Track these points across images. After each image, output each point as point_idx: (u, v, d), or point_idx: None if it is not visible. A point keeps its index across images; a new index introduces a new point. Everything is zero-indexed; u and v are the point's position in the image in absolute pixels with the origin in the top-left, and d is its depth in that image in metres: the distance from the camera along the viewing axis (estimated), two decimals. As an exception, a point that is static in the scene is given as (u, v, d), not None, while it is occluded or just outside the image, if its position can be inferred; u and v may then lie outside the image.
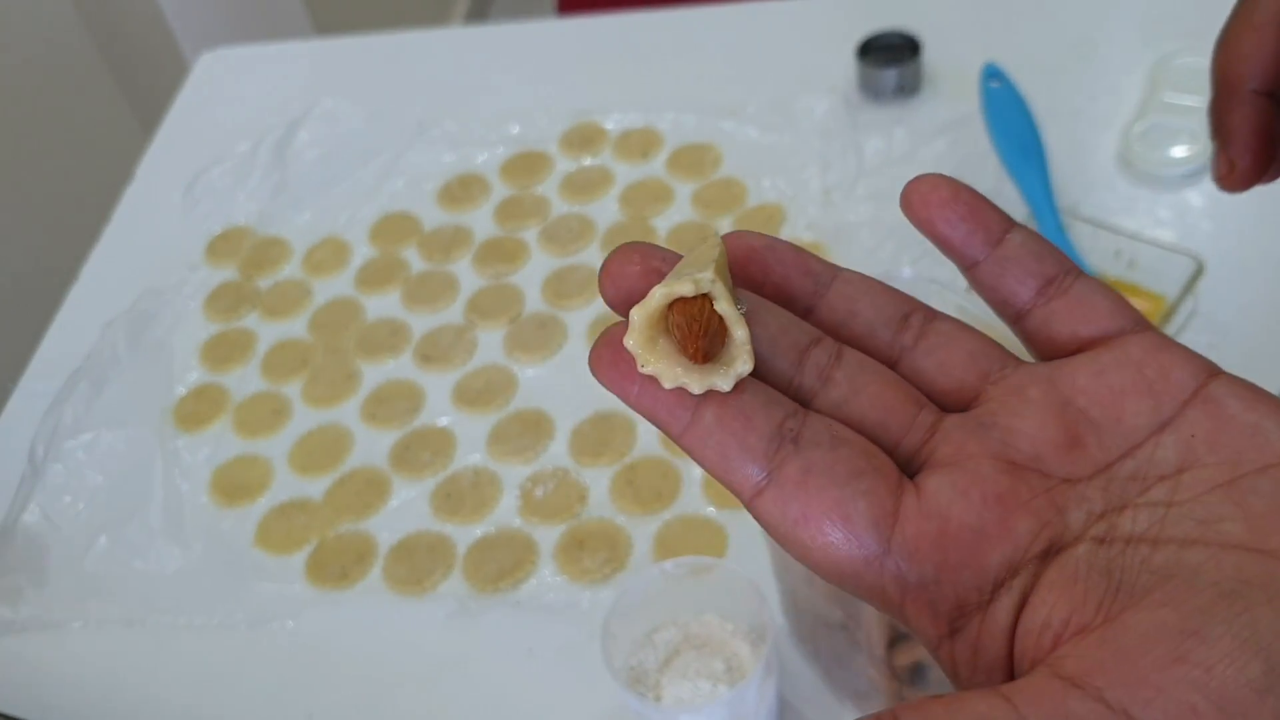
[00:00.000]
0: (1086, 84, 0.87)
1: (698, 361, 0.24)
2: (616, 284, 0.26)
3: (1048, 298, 0.27)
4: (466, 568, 0.67)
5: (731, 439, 0.24)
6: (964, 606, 0.24)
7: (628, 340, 0.24)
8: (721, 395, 0.25)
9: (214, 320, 0.85)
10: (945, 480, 0.25)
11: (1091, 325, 0.26)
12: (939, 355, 0.27)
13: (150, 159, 1.01)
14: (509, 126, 0.95)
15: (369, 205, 0.92)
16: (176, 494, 0.74)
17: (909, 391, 0.26)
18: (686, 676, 0.56)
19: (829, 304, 0.28)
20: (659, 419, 0.25)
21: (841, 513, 0.24)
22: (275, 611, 0.67)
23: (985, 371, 0.27)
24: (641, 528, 0.68)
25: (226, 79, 1.08)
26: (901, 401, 0.26)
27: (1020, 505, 0.24)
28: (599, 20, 1.06)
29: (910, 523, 0.24)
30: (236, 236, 0.91)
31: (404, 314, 0.83)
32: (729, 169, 0.88)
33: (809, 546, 0.24)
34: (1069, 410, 0.25)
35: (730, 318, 0.24)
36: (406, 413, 0.76)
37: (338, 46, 1.12)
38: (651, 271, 0.26)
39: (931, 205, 0.27)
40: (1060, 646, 0.22)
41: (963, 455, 0.25)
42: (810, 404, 0.26)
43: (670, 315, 0.24)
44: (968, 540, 0.24)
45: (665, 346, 0.25)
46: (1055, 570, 0.23)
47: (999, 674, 0.24)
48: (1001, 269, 0.27)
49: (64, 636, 0.68)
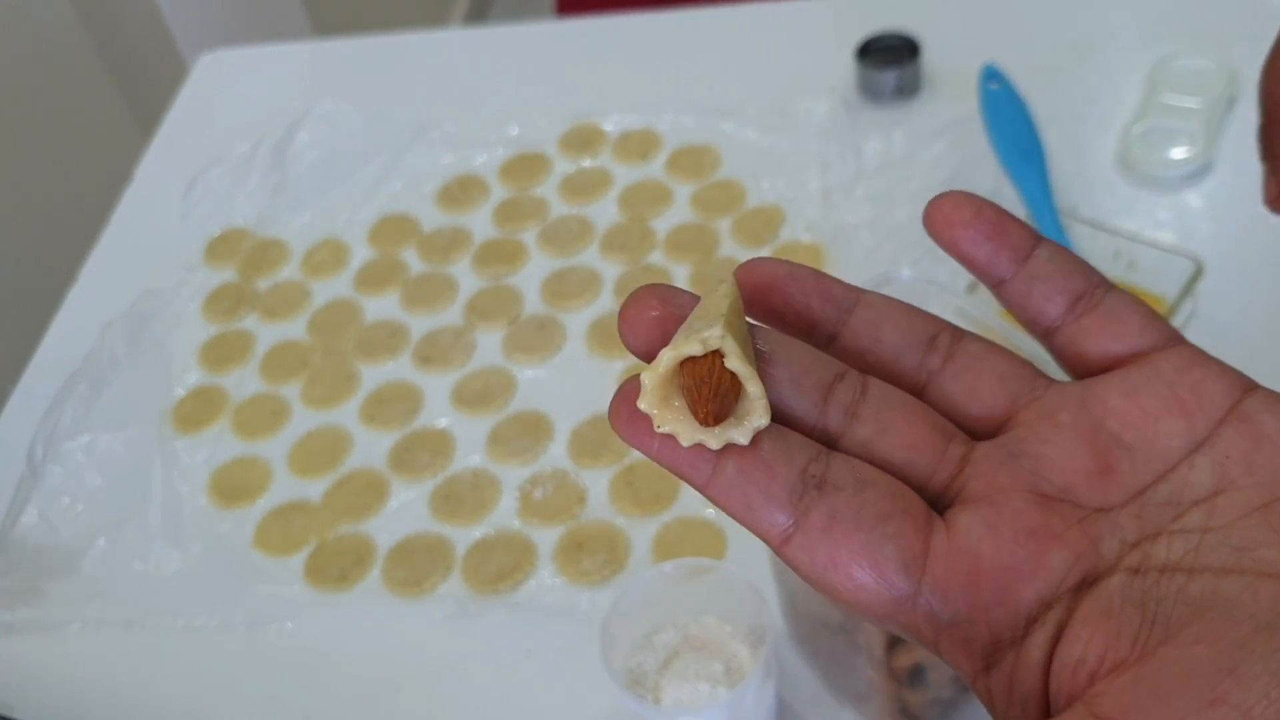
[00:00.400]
0: (1085, 86, 0.87)
1: (709, 425, 0.24)
2: (635, 332, 0.26)
3: (1077, 314, 0.26)
4: (466, 569, 0.67)
5: (755, 489, 0.24)
6: (998, 643, 0.24)
7: (641, 403, 0.24)
8: (739, 447, 0.24)
9: (213, 322, 0.85)
10: (976, 517, 0.24)
11: (1123, 342, 0.26)
12: (967, 379, 0.27)
13: (149, 160, 1.01)
14: (508, 128, 0.95)
15: (368, 207, 0.92)
16: (175, 496, 0.74)
17: (937, 423, 0.26)
18: (685, 678, 0.56)
19: (852, 330, 0.27)
20: (681, 473, 0.25)
21: (869, 558, 0.24)
22: (274, 613, 0.67)
23: (1015, 394, 0.26)
24: (641, 529, 0.68)
25: (225, 80, 1.08)
26: (930, 436, 0.26)
27: (1053, 538, 0.24)
28: (598, 21, 1.06)
29: (940, 563, 0.24)
30: (235, 238, 0.91)
31: (403, 315, 0.83)
32: (728, 170, 0.88)
33: (839, 590, 0.24)
34: (1101, 434, 0.25)
35: (743, 375, 0.24)
36: (406, 414, 0.76)
37: (337, 48, 1.12)
38: (669, 318, 0.25)
39: (955, 225, 0.27)
40: (1096, 684, 0.22)
41: (993, 490, 0.25)
42: (836, 444, 0.26)
43: (681, 375, 0.24)
44: (1000, 577, 0.24)
45: (680, 404, 0.24)
46: (1089, 604, 0.23)
47: (1035, 708, 0.23)
48: (1029, 286, 0.27)
49: (63, 638, 0.68)
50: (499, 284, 0.84)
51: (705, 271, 0.81)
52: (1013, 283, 0.27)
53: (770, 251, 0.81)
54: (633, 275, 0.81)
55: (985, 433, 0.26)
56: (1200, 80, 0.84)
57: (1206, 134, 0.80)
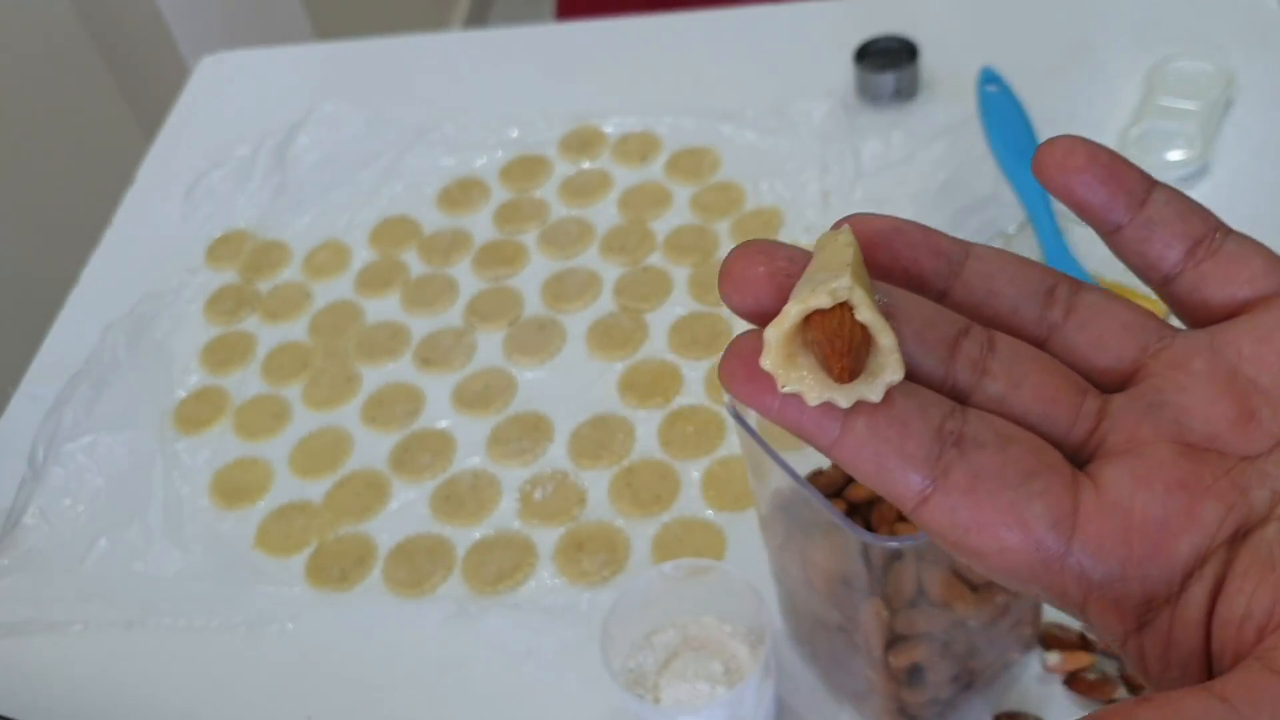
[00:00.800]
0: (1082, 88, 0.87)
1: (844, 381, 0.22)
2: (741, 291, 0.24)
3: (1197, 259, 0.25)
4: (466, 570, 0.68)
5: (888, 448, 0.23)
6: (1152, 600, 0.23)
7: (764, 362, 0.23)
8: (870, 405, 0.23)
9: (214, 323, 0.86)
10: (1123, 470, 0.23)
11: (1247, 286, 0.25)
12: (1092, 330, 0.25)
13: (150, 162, 1.01)
14: (508, 130, 0.95)
15: (368, 208, 0.92)
16: (176, 496, 0.74)
17: (1070, 377, 0.25)
18: (685, 678, 0.56)
19: (965, 284, 0.26)
20: (805, 433, 0.24)
21: (1017, 517, 0.23)
22: (275, 613, 0.67)
23: (1143, 344, 0.25)
24: (640, 530, 0.68)
25: (227, 83, 1.08)
26: (1064, 389, 0.25)
27: (1204, 490, 0.23)
28: (598, 25, 1.07)
29: (1091, 519, 0.23)
30: (236, 240, 0.92)
31: (404, 317, 0.83)
32: (727, 172, 0.88)
33: (983, 553, 0.23)
34: (1238, 381, 0.24)
35: (875, 327, 0.22)
36: (406, 415, 0.77)
37: (337, 50, 1.12)
38: (778, 274, 0.24)
39: (1069, 170, 0.25)
40: (1266, 638, 0.21)
41: (1137, 442, 0.24)
42: (967, 401, 0.24)
43: (807, 330, 0.23)
44: (1153, 531, 0.23)
45: (805, 361, 0.23)
46: (1247, 555, 0.22)
47: (1195, 667, 0.23)
48: (1148, 232, 0.26)
49: (64, 639, 0.68)
50: (499, 285, 0.84)
51: (704, 273, 0.81)
52: (1130, 228, 0.26)
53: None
54: (632, 276, 0.82)
55: (1114, 385, 0.25)
56: (1197, 83, 0.84)
57: (1203, 136, 0.80)
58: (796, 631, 0.60)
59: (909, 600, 0.50)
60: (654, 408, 0.74)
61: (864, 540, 0.46)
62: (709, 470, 0.70)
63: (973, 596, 0.51)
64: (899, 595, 0.50)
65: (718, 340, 0.76)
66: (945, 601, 0.51)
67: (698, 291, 0.80)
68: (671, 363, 0.76)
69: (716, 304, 0.79)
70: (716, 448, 0.71)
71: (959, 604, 0.51)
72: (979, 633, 0.53)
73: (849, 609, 0.52)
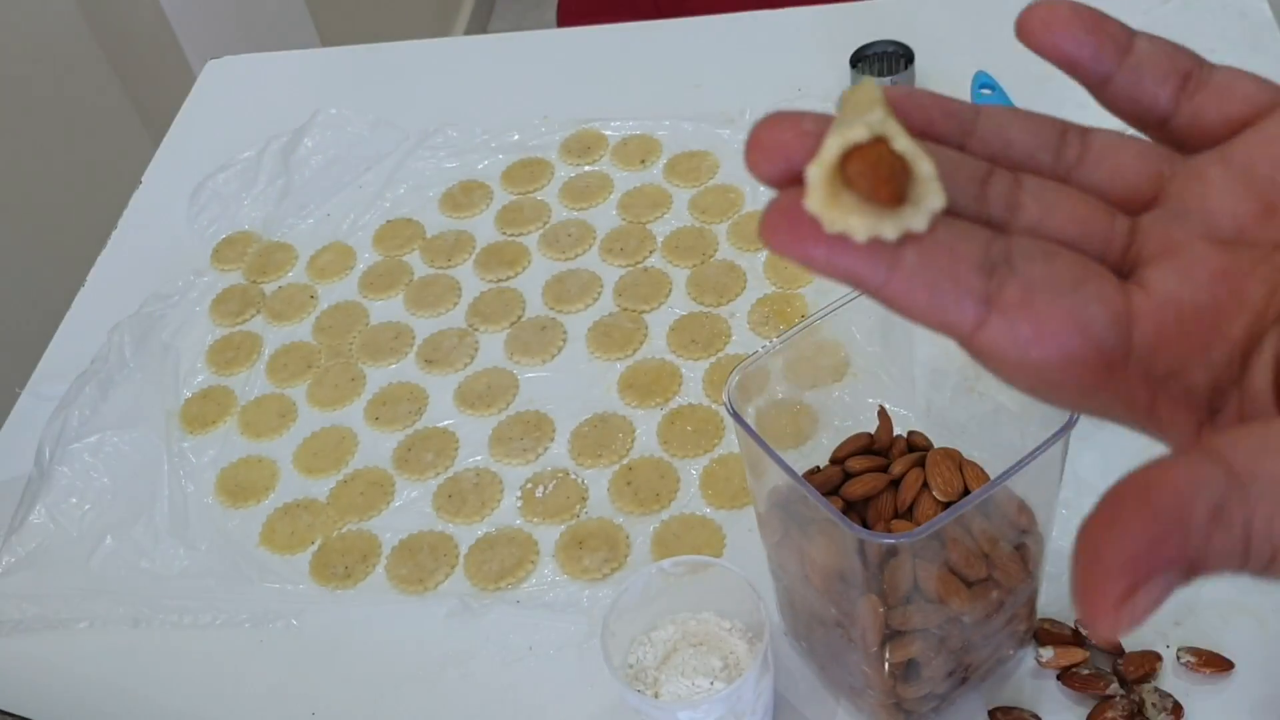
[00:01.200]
0: (1076, 93, 0.87)
1: (892, 205, 0.22)
2: (770, 155, 0.24)
3: (1190, 93, 0.26)
4: (468, 567, 0.69)
5: (941, 275, 0.23)
6: (1219, 386, 0.24)
7: (808, 203, 0.22)
8: (917, 236, 0.23)
9: (220, 324, 0.87)
10: (1166, 269, 0.24)
11: (1243, 104, 0.26)
12: (1108, 164, 0.26)
13: (157, 165, 1.02)
14: (510, 134, 0.96)
15: (372, 211, 0.93)
16: (182, 495, 0.75)
17: (1097, 203, 0.26)
18: (684, 674, 0.57)
19: (980, 139, 0.26)
20: (856, 275, 0.23)
21: (1077, 321, 0.23)
22: (279, 610, 0.68)
23: (1157, 171, 0.26)
24: (640, 527, 0.69)
25: (232, 86, 1.09)
26: (1096, 212, 0.25)
27: (1246, 275, 0.24)
28: (598, 30, 1.07)
29: (1146, 317, 0.23)
30: (242, 241, 0.93)
31: (407, 317, 0.84)
32: (725, 176, 0.89)
33: (1047, 366, 0.23)
34: (1255, 180, 0.25)
35: (912, 153, 0.22)
36: (410, 415, 0.78)
37: (342, 55, 1.13)
38: (806, 135, 0.23)
39: (1054, 28, 0.26)
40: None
41: (1172, 245, 0.25)
42: (1005, 231, 0.25)
43: (847, 168, 0.22)
44: (1207, 319, 0.23)
45: (848, 201, 0.22)
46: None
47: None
48: (1137, 76, 0.26)
49: (71, 636, 0.69)
50: (501, 287, 0.85)
51: (703, 274, 0.82)
52: (1120, 75, 0.26)
53: (765, 257, 0.82)
54: (632, 278, 0.83)
55: (1137, 209, 0.26)
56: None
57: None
58: (794, 627, 0.61)
59: (905, 596, 0.51)
60: (653, 407, 0.75)
61: (860, 537, 0.47)
62: (707, 468, 0.71)
63: (968, 592, 0.52)
64: (895, 591, 0.51)
65: (716, 341, 0.77)
66: (940, 597, 0.52)
67: (696, 292, 0.81)
68: (671, 362, 0.77)
69: (714, 304, 0.80)
70: (715, 446, 0.72)
71: (954, 599, 0.52)
72: (974, 628, 0.54)
73: (845, 605, 0.53)
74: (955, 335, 0.23)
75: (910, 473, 0.56)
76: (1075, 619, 0.60)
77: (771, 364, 0.57)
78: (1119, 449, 0.67)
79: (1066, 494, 0.66)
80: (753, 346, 0.77)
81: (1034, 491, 0.54)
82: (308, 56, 1.16)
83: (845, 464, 0.58)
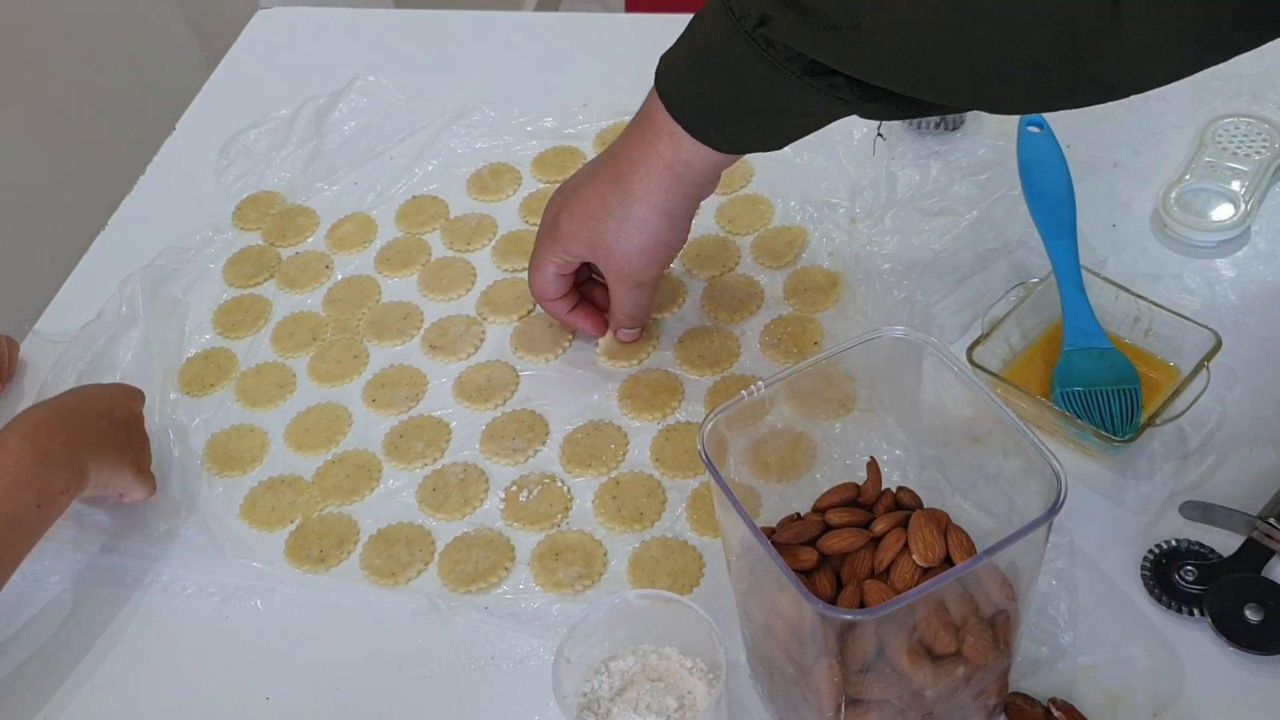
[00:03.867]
0: (1132, 137, 0.84)
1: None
2: None
3: None
4: (442, 565, 0.67)
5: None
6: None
7: None
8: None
9: (232, 284, 0.86)
10: None
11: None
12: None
13: (193, 112, 1.02)
14: (546, 120, 0.94)
15: (399, 184, 0.92)
16: (169, 457, 0.74)
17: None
18: (637, 709, 0.56)
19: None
20: None
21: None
22: (250, 589, 0.67)
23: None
24: (620, 545, 0.67)
25: (279, 39, 1.08)
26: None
27: None
28: (658, 20, 1.05)
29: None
30: (266, 201, 0.92)
31: (418, 299, 0.83)
32: (758, 185, 0.87)
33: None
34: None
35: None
36: (406, 400, 0.76)
37: (392, 18, 1.12)
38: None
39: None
40: None
41: None
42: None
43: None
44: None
45: None
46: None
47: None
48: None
49: (39, 589, 0.69)
50: (515, 277, 0.83)
51: (719, 288, 0.80)
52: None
53: (787, 275, 0.80)
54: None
55: None
56: (1252, 142, 0.81)
57: (1249, 200, 0.78)
58: (757, 670, 0.60)
59: (865, 665, 0.49)
60: (650, 420, 0.73)
61: (818, 610, 0.45)
62: (696, 491, 0.69)
63: (932, 667, 0.50)
64: (854, 659, 0.49)
65: (724, 359, 0.75)
66: (905, 669, 0.50)
67: (710, 306, 0.79)
68: (674, 375, 0.75)
69: (727, 321, 0.78)
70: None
71: (918, 673, 0.50)
72: (937, 702, 0.52)
73: (804, 665, 0.52)
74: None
75: (892, 532, 0.54)
76: (1050, 698, 0.58)
77: (772, 391, 0.56)
78: (1119, 523, 0.65)
79: (1061, 564, 0.64)
80: (760, 369, 0.75)
81: (1017, 564, 0.52)
82: (358, 16, 1.14)
83: (826, 515, 0.56)
